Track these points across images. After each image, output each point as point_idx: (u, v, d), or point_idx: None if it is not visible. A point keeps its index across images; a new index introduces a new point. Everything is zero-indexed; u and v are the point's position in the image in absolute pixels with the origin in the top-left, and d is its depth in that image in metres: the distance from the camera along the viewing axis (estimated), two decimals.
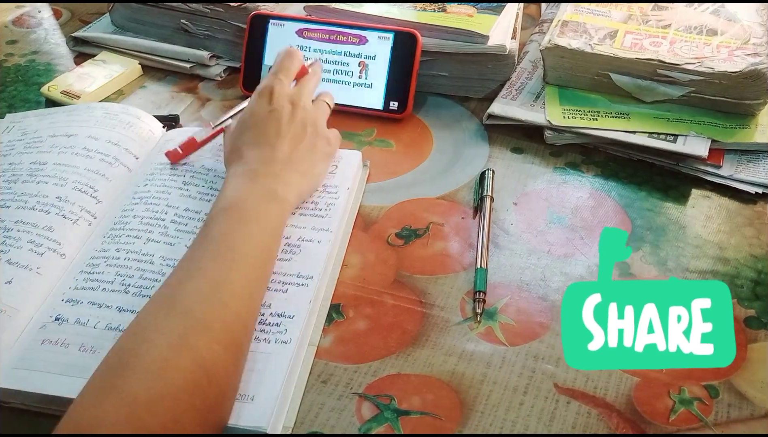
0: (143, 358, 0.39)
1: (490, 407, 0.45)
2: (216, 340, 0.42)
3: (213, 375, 0.41)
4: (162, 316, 0.42)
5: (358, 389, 0.46)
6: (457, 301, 0.52)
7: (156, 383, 0.38)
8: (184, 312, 0.42)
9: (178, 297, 0.44)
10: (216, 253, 0.47)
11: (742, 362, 0.47)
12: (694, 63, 0.64)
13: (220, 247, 0.47)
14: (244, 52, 0.72)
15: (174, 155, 0.61)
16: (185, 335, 0.41)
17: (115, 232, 0.55)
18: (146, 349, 0.40)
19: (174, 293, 0.44)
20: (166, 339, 0.41)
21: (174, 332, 0.41)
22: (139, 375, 0.39)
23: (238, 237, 0.48)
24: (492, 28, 0.69)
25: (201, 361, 0.40)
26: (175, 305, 0.43)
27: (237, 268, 0.46)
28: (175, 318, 0.42)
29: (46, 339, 0.47)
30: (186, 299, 0.43)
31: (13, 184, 0.58)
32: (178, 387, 0.39)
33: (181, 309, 0.43)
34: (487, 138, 0.67)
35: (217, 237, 0.48)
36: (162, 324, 0.42)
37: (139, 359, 0.39)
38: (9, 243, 0.52)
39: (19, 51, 0.82)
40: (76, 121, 0.65)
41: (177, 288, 0.44)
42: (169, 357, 0.40)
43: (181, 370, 0.39)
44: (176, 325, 0.42)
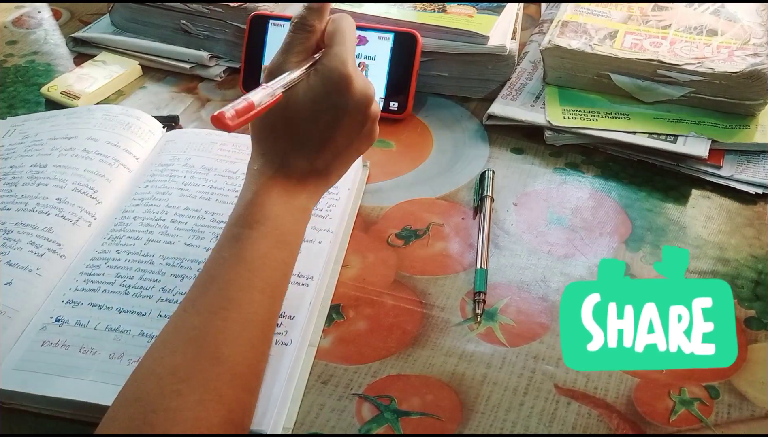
0: (173, 417, 0.36)
1: (491, 408, 0.45)
2: (243, 387, 0.40)
3: (240, 424, 0.39)
4: (190, 359, 0.39)
5: (358, 390, 0.46)
6: (457, 302, 0.52)
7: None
8: (214, 357, 0.39)
9: (207, 335, 0.40)
10: (249, 282, 0.43)
11: (743, 362, 0.47)
12: (694, 63, 0.64)
13: (255, 275, 0.43)
14: (244, 53, 0.72)
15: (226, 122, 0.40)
16: (217, 388, 0.38)
17: (115, 233, 0.55)
18: (176, 406, 0.37)
19: (203, 331, 0.40)
20: (198, 395, 0.38)
21: (205, 385, 0.38)
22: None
23: (271, 262, 0.44)
24: (492, 28, 0.69)
25: (231, 415, 0.39)
26: (204, 346, 0.40)
27: (269, 303, 0.44)
28: (204, 363, 0.39)
29: (47, 340, 0.47)
30: (216, 340, 0.40)
31: (14, 186, 0.58)
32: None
33: (210, 352, 0.39)
34: (487, 138, 0.67)
35: (251, 261, 0.43)
36: (190, 370, 0.39)
37: (168, 418, 0.36)
38: (9, 245, 0.52)
39: (18, 51, 0.82)
40: (76, 123, 0.65)
41: (206, 323, 0.41)
42: (201, 416, 0.37)
43: (212, 427, 0.37)
44: (206, 374, 0.39)
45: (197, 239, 0.54)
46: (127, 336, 0.47)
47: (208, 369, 0.39)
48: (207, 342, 0.40)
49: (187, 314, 0.42)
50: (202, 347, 0.40)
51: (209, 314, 0.41)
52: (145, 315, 0.49)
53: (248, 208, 0.45)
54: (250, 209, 0.45)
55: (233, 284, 0.42)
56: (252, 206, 0.45)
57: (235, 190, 0.58)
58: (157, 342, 0.41)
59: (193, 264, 0.52)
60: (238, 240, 0.44)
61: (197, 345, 0.40)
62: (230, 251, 0.44)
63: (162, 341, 0.41)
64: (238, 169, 0.61)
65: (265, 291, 0.44)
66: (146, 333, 0.47)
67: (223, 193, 0.58)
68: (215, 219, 0.56)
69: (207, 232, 0.55)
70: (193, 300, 0.43)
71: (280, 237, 0.45)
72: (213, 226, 0.55)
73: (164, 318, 0.48)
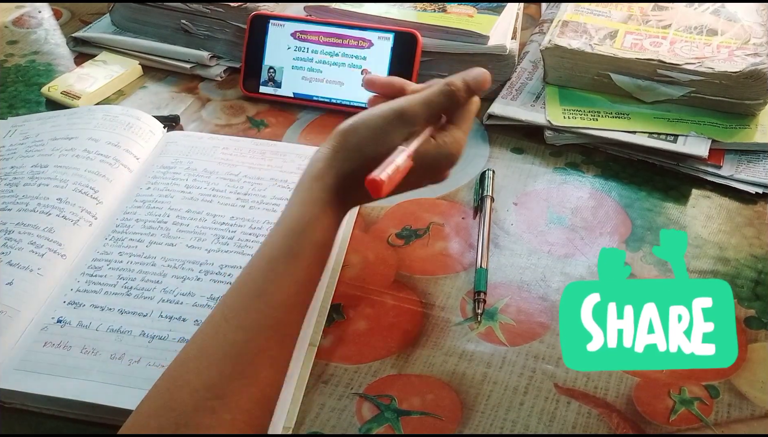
0: (205, 434, 0.36)
1: (491, 407, 0.45)
2: (269, 410, 0.40)
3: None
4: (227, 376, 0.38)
5: (358, 389, 0.46)
6: (458, 301, 0.52)
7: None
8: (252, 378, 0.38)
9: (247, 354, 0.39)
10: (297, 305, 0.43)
11: (743, 362, 0.47)
12: (694, 63, 0.64)
13: (301, 299, 0.43)
14: (245, 53, 0.72)
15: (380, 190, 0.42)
16: (249, 410, 0.38)
17: (117, 235, 0.55)
18: (209, 424, 0.36)
19: (244, 348, 0.39)
20: (232, 415, 0.37)
21: (240, 406, 0.37)
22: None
23: (314, 287, 0.44)
24: (492, 28, 0.69)
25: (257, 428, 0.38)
26: (243, 365, 0.39)
27: (302, 326, 0.44)
28: (241, 383, 0.38)
29: (48, 340, 0.47)
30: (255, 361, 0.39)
31: (15, 187, 0.58)
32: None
33: (248, 373, 0.38)
34: (487, 138, 0.67)
35: (303, 284, 0.43)
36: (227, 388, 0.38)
37: (200, 435, 0.36)
38: (10, 245, 0.52)
39: (19, 51, 0.82)
40: (76, 123, 0.65)
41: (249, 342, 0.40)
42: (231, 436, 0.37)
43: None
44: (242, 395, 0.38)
45: (199, 241, 0.54)
46: (129, 336, 0.47)
47: (243, 390, 0.38)
48: (247, 361, 0.39)
49: (229, 326, 0.40)
50: (241, 366, 0.39)
51: (254, 332, 0.40)
52: (146, 316, 0.49)
53: (314, 226, 0.44)
54: (316, 228, 0.44)
55: (283, 305, 0.41)
56: (319, 225, 0.44)
57: (237, 193, 0.59)
58: (194, 350, 0.40)
59: (195, 265, 0.52)
60: (298, 258, 0.43)
61: (236, 363, 0.39)
62: (285, 268, 0.42)
63: (199, 350, 0.40)
64: (240, 172, 0.61)
65: (304, 314, 0.44)
66: (147, 333, 0.48)
67: (225, 196, 0.58)
68: (217, 221, 0.56)
69: (209, 234, 0.55)
70: (236, 310, 0.41)
71: (326, 263, 0.46)
72: (215, 228, 0.55)
73: (165, 318, 0.48)
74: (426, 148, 0.46)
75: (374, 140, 0.45)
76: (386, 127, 0.45)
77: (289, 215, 0.45)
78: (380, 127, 0.46)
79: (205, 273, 0.52)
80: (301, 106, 0.71)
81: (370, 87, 0.52)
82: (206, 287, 0.51)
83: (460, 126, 0.49)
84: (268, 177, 0.60)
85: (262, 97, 0.72)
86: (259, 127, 0.69)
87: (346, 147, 0.46)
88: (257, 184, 0.60)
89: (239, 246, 0.54)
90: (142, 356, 0.46)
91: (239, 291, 0.42)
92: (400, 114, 0.46)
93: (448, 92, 0.48)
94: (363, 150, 0.45)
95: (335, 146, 0.46)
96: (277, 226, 0.45)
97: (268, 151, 0.64)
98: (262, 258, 0.43)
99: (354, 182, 0.45)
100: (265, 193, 0.59)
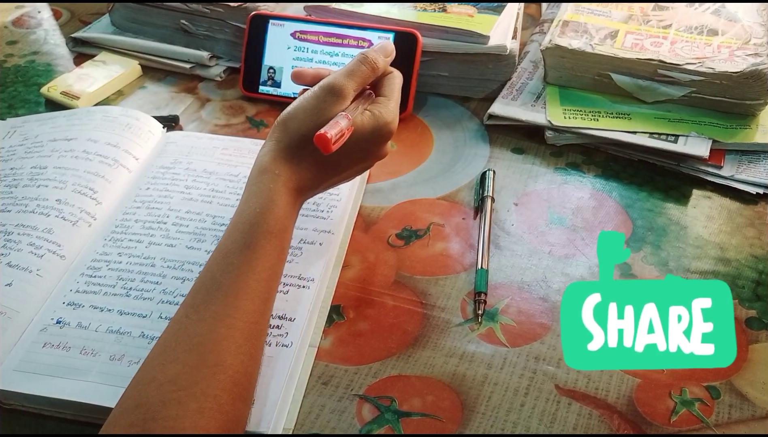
0: (172, 426, 0.37)
1: (491, 408, 0.45)
2: (241, 396, 0.41)
3: (235, 430, 0.40)
4: (191, 367, 0.39)
5: (358, 391, 0.46)
6: (458, 302, 0.52)
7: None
8: (216, 366, 0.39)
9: (209, 343, 0.40)
10: (257, 293, 0.43)
11: (743, 363, 0.47)
12: (694, 63, 0.64)
13: (262, 286, 0.44)
14: (244, 53, 0.72)
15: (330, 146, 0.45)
16: (217, 397, 0.39)
17: (116, 236, 0.55)
18: (176, 414, 0.37)
19: (206, 338, 0.40)
20: (199, 404, 0.38)
21: (206, 393, 0.38)
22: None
23: (275, 274, 0.46)
24: (492, 28, 0.68)
25: (228, 425, 0.39)
26: (206, 354, 0.40)
27: (268, 313, 0.45)
28: (206, 372, 0.39)
29: (47, 341, 0.47)
30: (218, 348, 0.40)
31: (14, 188, 0.58)
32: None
33: (212, 361, 0.40)
34: (487, 138, 0.67)
35: (260, 272, 0.44)
36: (192, 378, 0.39)
37: (168, 426, 0.36)
38: (9, 246, 0.52)
39: (18, 51, 0.82)
40: (75, 124, 0.65)
41: (210, 332, 0.41)
42: (200, 425, 0.37)
43: (210, 434, 0.38)
44: (207, 382, 0.39)
45: (198, 242, 0.54)
46: (128, 337, 0.47)
47: (209, 378, 0.39)
48: (209, 350, 0.40)
49: (190, 321, 0.42)
50: (204, 355, 0.40)
51: (214, 321, 0.41)
52: (146, 317, 0.49)
53: (266, 216, 0.45)
54: (267, 218, 0.45)
55: (241, 293, 0.43)
56: (270, 215, 0.46)
57: (237, 193, 0.58)
58: (158, 348, 0.41)
59: (194, 266, 0.52)
60: (251, 248, 0.44)
61: (199, 353, 0.40)
62: (240, 258, 0.44)
63: (163, 347, 0.41)
64: (240, 173, 0.61)
65: (267, 302, 0.45)
66: (147, 334, 0.47)
67: (225, 196, 0.58)
68: (216, 222, 0.56)
69: (208, 235, 0.55)
70: (195, 306, 0.42)
71: (284, 250, 0.47)
72: (214, 229, 0.55)
73: (165, 320, 0.48)
74: (362, 120, 0.49)
75: (313, 120, 0.47)
76: (321, 106, 0.48)
77: (241, 210, 0.47)
78: (315, 106, 0.48)
79: None
80: None
81: (299, 80, 0.53)
82: None
83: (389, 96, 0.52)
84: None
85: (261, 97, 0.72)
86: (259, 127, 0.69)
87: (288, 134, 0.48)
88: None
89: None
90: (142, 357, 0.46)
91: (199, 288, 0.44)
92: (329, 89, 0.49)
93: (362, 58, 0.51)
94: (304, 133, 0.48)
95: (278, 136, 0.49)
96: (231, 222, 0.46)
97: None
98: (218, 253, 0.45)
99: (302, 165, 0.48)
100: None
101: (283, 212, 0.46)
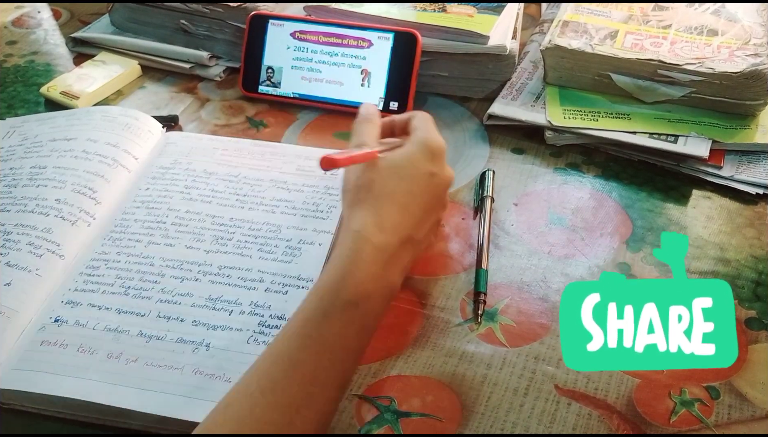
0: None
1: (491, 408, 0.45)
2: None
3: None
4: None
5: (357, 390, 0.46)
6: (458, 302, 0.51)
7: None
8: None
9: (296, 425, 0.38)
10: (329, 378, 0.40)
11: (743, 363, 0.47)
12: (694, 63, 0.64)
13: (335, 368, 0.41)
14: (244, 53, 0.72)
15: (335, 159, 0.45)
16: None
17: (115, 235, 0.55)
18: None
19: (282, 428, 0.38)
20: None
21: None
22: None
23: (353, 353, 0.42)
24: (492, 28, 0.68)
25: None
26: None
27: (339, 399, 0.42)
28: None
29: (46, 340, 0.47)
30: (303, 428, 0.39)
31: (14, 188, 0.58)
32: None
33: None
34: (487, 138, 0.67)
35: (334, 351, 0.41)
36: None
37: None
38: (8, 246, 0.52)
39: (18, 51, 0.82)
40: (75, 124, 0.65)
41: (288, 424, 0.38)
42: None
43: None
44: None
45: (197, 242, 0.54)
46: (126, 336, 0.47)
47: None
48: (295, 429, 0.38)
49: (267, 403, 0.39)
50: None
51: (292, 412, 0.39)
52: (144, 316, 0.48)
53: (346, 281, 0.42)
54: (347, 282, 0.42)
55: (316, 379, 0.40)
56: (350, 278, 0.42)
57: (236, 194, 0.58)
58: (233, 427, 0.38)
59: (193, 266, 0.52)
60: (327, 318, 0.41)
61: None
62: (318, 331, 0.41)
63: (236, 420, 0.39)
64: (239, 173, 0.61)
65: (342, 388, 0.42)
66: (145, 333, 0.47)
67: (224, 197, 0.58)
68: (216, 222, 0.56)
69: (207, 235, 0.55)
70: (273, 384, 0.39)
71: (365, 322, 0.43)
72: (213, 229, 0.55)
73: (163, 318, 0.48)
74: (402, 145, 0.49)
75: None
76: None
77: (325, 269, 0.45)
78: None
79: (204, 274, 0.51)
80: (300, 106, 0.71)
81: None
82: (204, 288, 0.50)
83: (419, 129, 0.50)
84: (267, 178, 0.60)
85: (261, 97, 0.72)
86: (259, 127, 0.69)
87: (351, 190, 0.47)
88: (257, 186, 0.59)
89: (238, 248, 0.54)
90: (139, 356, 0.46)
91: (274, 360, 0.41)
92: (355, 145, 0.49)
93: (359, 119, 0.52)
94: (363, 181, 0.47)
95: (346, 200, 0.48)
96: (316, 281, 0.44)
97: (268, 152, 0.63)
98: (297, 317, 0.42)
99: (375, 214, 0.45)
100: (264, 194, 0.58)
101: (362, 273, 0.42)
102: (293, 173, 0.61)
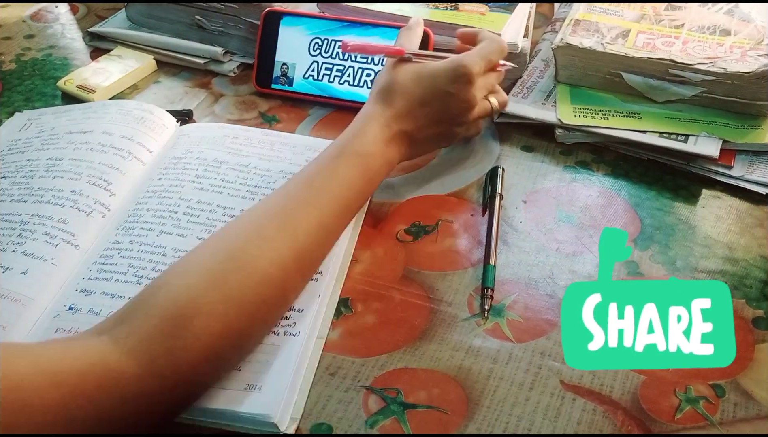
0: (253, 266, 0.44)
1: (496, 402, 0.45)
2: (299, 270, 0.48)
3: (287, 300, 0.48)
4: (274, 229, 0.47)
5: (365, 382, 0.46)
6: (465, 297, 0.52)
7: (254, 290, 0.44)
8: (294, 233, 0.47)
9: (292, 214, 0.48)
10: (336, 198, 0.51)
11: (749, 362, 0.47)
12: (706, 63, 0.64)
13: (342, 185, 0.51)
14: (258, 49, 0.72)
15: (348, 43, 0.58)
16: (289, 257, 0.46)
17: (128, 225, 0.56)
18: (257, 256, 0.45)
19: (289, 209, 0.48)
20: (275, 255, 0.45)
21: (281, 251, 0.46)
22: (245, 280, 0.44)
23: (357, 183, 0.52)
24: (504, 26, 0.69)
25: (285, 285, 0.46)
26: (287, 222, 0.48)
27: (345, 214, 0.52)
28: (285, 235, 0.47)
29: (60, 327, 0.48)
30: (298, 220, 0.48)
31: (30, 179, 0.59)
32: (264, 299, 0.45)
33: (291, 228, 0.47)
34: (497, 136, 0.67)
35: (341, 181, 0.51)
36: (274, 238, 0.46)
37: (250, 266, 0.44)
38: (25, 235, 0.53)
39: (36, 45, 0.83)
40: (91, 117, 0.66)
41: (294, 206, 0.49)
42: (271, 273, 0.45)
43: (273, 287, 0.45)
44: (285, 244, 0.46)
45: (209, 233, 0.55)
46: None
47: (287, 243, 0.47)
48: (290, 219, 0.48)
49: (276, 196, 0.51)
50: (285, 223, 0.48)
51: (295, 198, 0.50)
52: None
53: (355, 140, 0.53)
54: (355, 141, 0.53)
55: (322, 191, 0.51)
56: (357, 140, 0.53)
57: (247, 184, 0.59)
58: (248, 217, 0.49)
59: None
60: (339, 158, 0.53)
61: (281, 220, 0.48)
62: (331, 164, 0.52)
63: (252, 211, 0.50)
64: (250, 163, 0.61)
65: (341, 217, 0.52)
66: None
67: (235, 187, 0.59)
68: (227, 213, 0.56)
69: (218, 226, 0.55)
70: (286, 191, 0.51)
71: (367, 172, 0.53)
72: (225, 220, 0.56)
73: None
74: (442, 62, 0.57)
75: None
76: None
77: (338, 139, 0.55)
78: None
79: None
80: (312, 102, 0.72)
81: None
82: None
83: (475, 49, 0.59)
84: (277, 169, 0.61)
85: (274, 93, 0.72)
86: (271, 122, 0.70)
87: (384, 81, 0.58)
88: (267, 176, 0.60)
89: None
90: None
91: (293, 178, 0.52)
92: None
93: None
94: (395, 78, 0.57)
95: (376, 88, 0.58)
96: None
97: (278, 142, 0.64)
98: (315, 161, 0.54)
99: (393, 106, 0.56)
100: (274, 185, 0.59)
101: (368, 136, 0.54)
102: (302, 165, 0.61)
